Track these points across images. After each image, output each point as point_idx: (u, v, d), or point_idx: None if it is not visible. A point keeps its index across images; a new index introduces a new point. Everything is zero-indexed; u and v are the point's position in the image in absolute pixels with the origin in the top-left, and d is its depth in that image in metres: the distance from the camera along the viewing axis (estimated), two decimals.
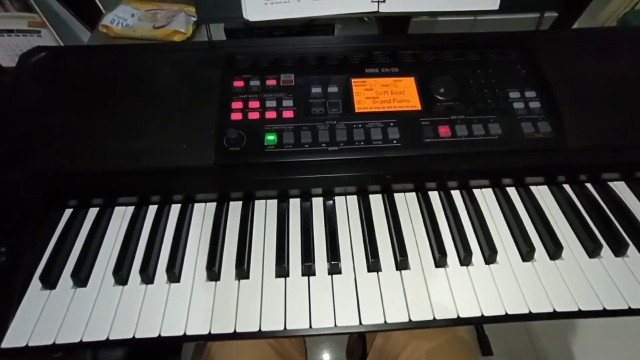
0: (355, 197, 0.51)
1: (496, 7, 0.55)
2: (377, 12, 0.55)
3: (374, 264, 0.45)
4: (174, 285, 0.44)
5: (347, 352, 0.83)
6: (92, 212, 0.50)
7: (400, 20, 0.81)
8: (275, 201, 0.51)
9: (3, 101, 0.53)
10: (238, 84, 0.54)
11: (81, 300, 0.43)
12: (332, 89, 0.53)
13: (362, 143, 0.49)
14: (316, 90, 0.53)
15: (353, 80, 0.54)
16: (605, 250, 0.46)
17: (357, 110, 0.52)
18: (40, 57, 0.56)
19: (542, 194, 0.52)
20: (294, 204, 0.51)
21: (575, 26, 0.91)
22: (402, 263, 0.45)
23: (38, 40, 0.87)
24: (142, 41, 0.78)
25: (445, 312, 0.41)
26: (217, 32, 0.71)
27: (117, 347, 0.57)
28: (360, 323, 0.41)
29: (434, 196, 0.52)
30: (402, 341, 0.54)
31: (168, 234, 0.48)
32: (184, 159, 0.48)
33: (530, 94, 0.53)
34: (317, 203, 0.51)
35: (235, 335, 0.40)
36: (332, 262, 0.45)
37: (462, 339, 0.55)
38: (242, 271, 0.44)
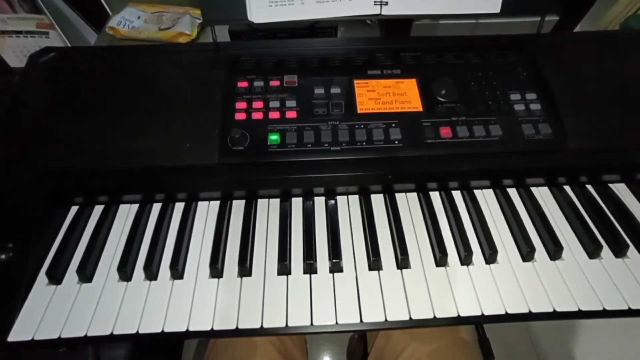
0: (357, 196, 0.52)
1: (497, 10, 0.55)
2: (380, 14, 0.56)
3: (375, 263, 0.45)
4: (177, 281, 0.45)
5: (347, 353, 0.83)
6: (98, 210, 0.51)
7: (402, 23, 0.82)
8: (277, 200, 0.52)
9: (12, 100, 0.54)
10: (242, 84, 0.54)
11: (86, 295, 0.43)
12: (335, 90, 0.54)
13: (364, 143, 0.50)
14: (319, 91, 0.54)
15: (355, 81, 0.55)
16: (606, 251, 0.46)
17: (359, 111, 0.52)
18: (50, 57, 0.57)
19: (543, 195, 0.52)
20: (297, 203, 0.51)
21: (576, 30, 0.91)
22: (403, 262, 0.45)
23: (46, 41, 0.88)
24: (148, 43, 0.79)
25: (446, 311, 0.42)
26: (222, 34, 0.72)
27: (118, 347, 0.57)
28: (361, 321, 0.41)
29: (435, 196, 0.52)
30: (402, 342, 0.54)
31: (172, 231, 0.49)
32: (188, 158, 0.49)
33: (531, 96, 0.54)
34: (319, 202, 0.51)
35: (237, 332, 0.41)
36: (334, 261, 0.45)
37: (464, 340, 0.55)
38: (245, 269, 0.45)
